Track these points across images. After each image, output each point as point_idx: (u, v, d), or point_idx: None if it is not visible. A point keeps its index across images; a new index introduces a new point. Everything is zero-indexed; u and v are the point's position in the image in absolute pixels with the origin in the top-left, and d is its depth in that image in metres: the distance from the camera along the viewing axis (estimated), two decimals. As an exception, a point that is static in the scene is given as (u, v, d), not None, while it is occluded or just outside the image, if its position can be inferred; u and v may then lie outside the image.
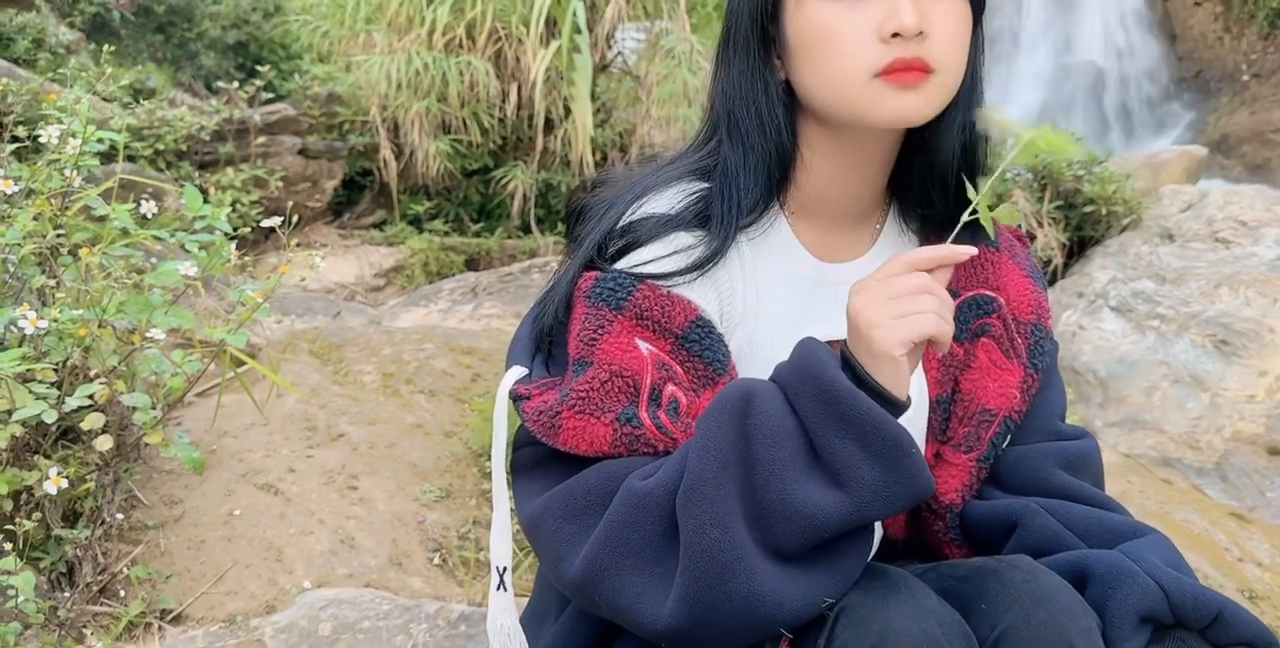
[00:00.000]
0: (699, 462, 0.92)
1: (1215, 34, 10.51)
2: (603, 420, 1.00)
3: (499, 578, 1.16)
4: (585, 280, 1.08)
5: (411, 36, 5.88)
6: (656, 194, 1.10)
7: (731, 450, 0.92)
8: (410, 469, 2.46)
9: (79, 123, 2.16)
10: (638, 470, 0.98)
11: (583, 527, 0.97)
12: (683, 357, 1.05)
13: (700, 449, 0.93)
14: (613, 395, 1.01)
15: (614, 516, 0.95)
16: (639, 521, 0.94)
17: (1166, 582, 0.97)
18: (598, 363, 1.03)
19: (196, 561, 2.10)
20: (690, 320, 1.06)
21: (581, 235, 1.13)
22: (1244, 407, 3.57)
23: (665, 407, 1.01)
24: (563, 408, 1.02)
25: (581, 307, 1.07)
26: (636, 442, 1.00)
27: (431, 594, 2.11)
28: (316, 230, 5.87)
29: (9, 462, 1.87)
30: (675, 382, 1.03)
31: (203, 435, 2.43)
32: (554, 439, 1.03)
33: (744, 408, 0.94)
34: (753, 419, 0.93)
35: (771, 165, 1.08)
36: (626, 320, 1.04)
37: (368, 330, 3.36)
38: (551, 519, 1.01)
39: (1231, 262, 4.32)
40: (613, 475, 0.99)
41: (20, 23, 6.60)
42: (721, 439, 0.92)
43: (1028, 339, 1.19)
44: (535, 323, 1.14)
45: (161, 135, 5.08)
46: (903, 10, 0.97)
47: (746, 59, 1.08)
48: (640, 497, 0.94)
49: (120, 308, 1.96)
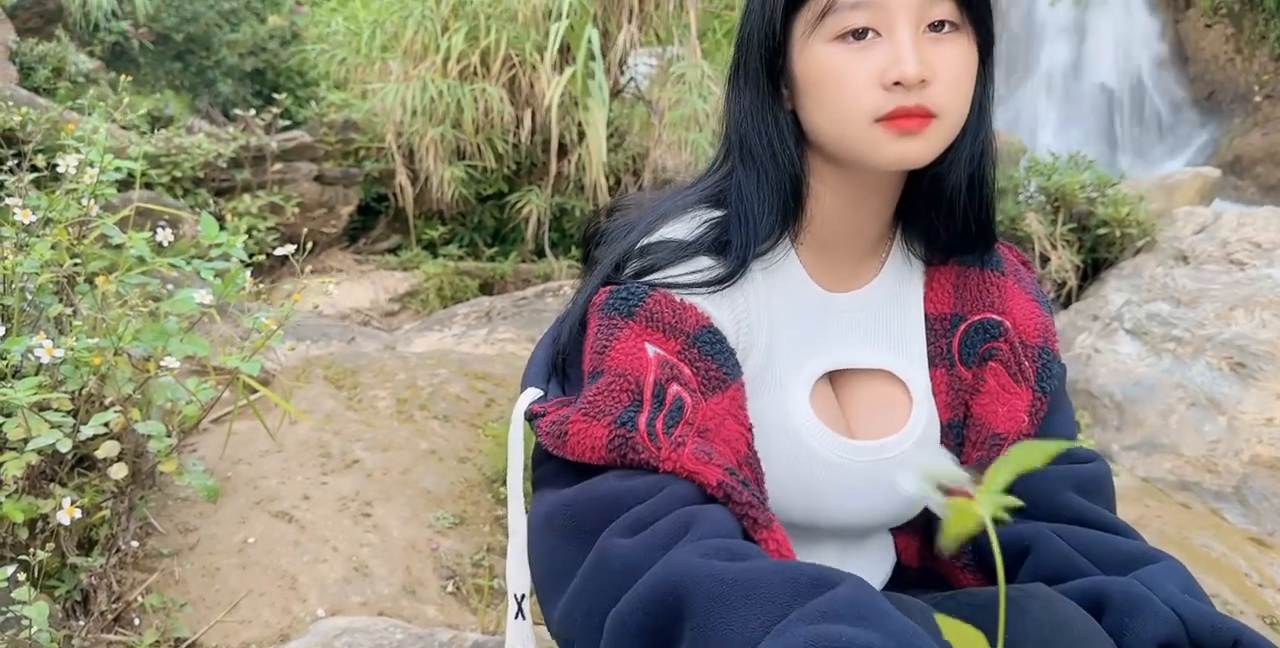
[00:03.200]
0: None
1: (1227, 55, 10.51)
2: (602, 422, 0.99)
3: (516, 606, 1.14)
4: (600, 295, 1.08)
5: (427, 64, 5.94)
6: (675, 219, 1.11)
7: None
8: (424, 496, 2.46)
9: (96, 152, 2.18)
10: (623, 518, 0.94)
11: (575, 550, 0.96)
12: (693, 356, 1.04)
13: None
14: (615, 397, 1.00)
15: (589, 585, 0.92)
16: (608, 597, 0.89)
17: (1183, 609, 0.97)
18: (607, 370, 1.02)
19: (211, 589, 2.10)
20: (702, 325, 1.05)
21: (599, 258, 1.13)
22: (1262, 430, 3.54)
23: (668, 408, 0.99)
24: (572, 416, 1.01)
25: (595, 320, 1.06)
26: (626, 447, 0.98)
27: (445, 623, 2.10)
28: (332, 256, 5.90)
29: (25, 490, 1.88)
30: (680, 381, 1.02)
31: (217, 463, 2.43)
32: (562, 449, 1.02)
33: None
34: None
35: (785, 193, 1.08)
36: (636, 325, 1.04)
37: (382, 356, 3.37)
38: (541, 533, 1.01)
39: (1246, 283, 4.30)
40: (602, 504, 0.97)
41: (41, 52, 6.68)
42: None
43: (1035, 363, 1.19)
44: (552, 345, 1.14)
45: (179, 162, 5.13)
46: (905, 60, 0.97)
47: (755, 91, 1.09)
48: (614, 574, 0.91)
49: (136, 336, 1.97)
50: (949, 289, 1.19)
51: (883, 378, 1.17)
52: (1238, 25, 10.39)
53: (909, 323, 1.19)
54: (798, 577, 0.82)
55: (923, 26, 0.99)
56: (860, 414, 1.16)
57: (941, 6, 1.00)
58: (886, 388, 1.17)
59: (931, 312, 1.19)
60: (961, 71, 1.02)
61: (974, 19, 1.03)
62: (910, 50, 0.97)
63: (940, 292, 1.19)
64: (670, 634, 0.84)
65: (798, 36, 1.04)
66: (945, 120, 1.01)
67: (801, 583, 0.81)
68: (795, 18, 1.03)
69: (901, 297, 1.19)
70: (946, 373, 1.18)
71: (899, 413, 1.16)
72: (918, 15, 0.99)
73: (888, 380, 1.17)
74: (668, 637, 0.84)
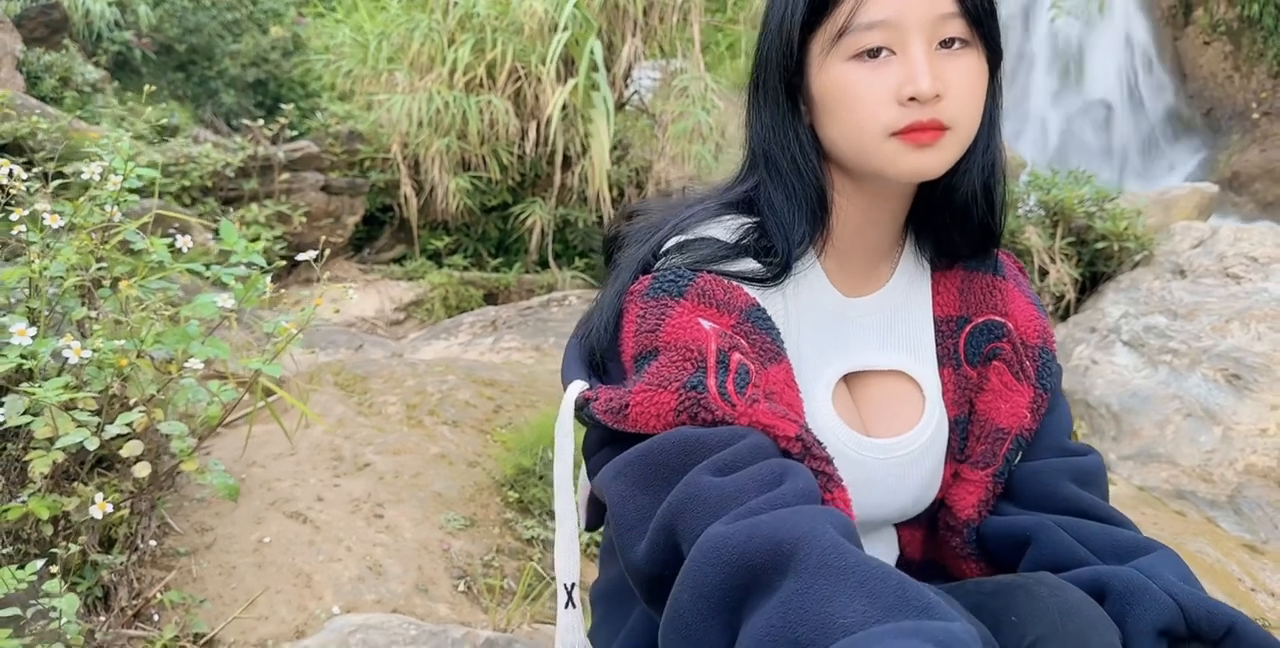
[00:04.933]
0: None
1: (1225, 72, 10.59)
2: (669, 389, 0.99)
3: (566, 595, 1.14)
4: (640, 284, 1.09)
5: (433, 76, 5.99)
6: (709, 221, 1.15)
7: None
8: (435, 498, 2.50)
9: (119, 160, 2.23)
10: (709, 463, 0.93)
11: (652, 498, 0.95)
12: (747, 329, 1.06)
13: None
14: (679, 367, 1.01)
15: (681, 515, 0.90)
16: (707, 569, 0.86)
17: (1181, 597, 1.02)
18: (663, 347, 1.03)
19: (228, 586, 2.14)
20: (752, 304, 1.08)
21: (622, 261, 1.16)
22: (1256, 440, 3.59)
23: (734, 373, 1.00)
24: (633, 390, 1.01)
25: (637, 307, 1.08)
26: (698, 407, 0.98)
27: (457, 620, 2.14)
28: (338, 265, 5.95)
29: (50, 488, 1.92)
30: (741, 351, 1.03)
31: (232, 464, 2.48)
32: (623, 422, 1.01)
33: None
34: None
35: (813, 204, 1.13)
36: (688, 303, 1.06)
37: (391, 363, 3.42)
38: (622, 484, 0.98)
39: (1243, 297, 4.36)
40: (684, 446, 0.96)
41: (48, 61, 6.73)
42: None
43: (1035, 362, 1.24)
44: (583, 343, 1.16)
45: (187, 172, 5.18)
46: (919, 76, 1.02)
47: (775, 107, 1.14)
48: (710, 504, 0.90)
49: (158, 339, 2.02)
50: (955, 292, 1.25)
51: (896, 378, 1.22)
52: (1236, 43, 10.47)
53: (920, 325, 1.24)
54: (912, 600, 0.79)
55: (935, 44, 1.05)
56: (875, 413, 1.21)
57: (953, 24, 1.05)
58: (900, 387, 1.22)
59: (939, 314, 1.25)
60: (973, 86, 1.07)
61: (984, 35, 1.08)
62: (924, 67, 1.02)
63: (947, 295, 1.25)
64: (764, 578, 0.83)
65: (815, 55, 1.09)
66: (958, 133, 1.06)
67: (914, 605, 0.79)
68: (812, 38, 1.08)
69: (912, 300, 1.24)
70: (953, 372, 1.24)
71: (912, 411, 1.21)
72: (930, 33, 1.04)
73: (901, 380, 1.22)
74: (759, 578, 0.83)
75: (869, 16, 1.04)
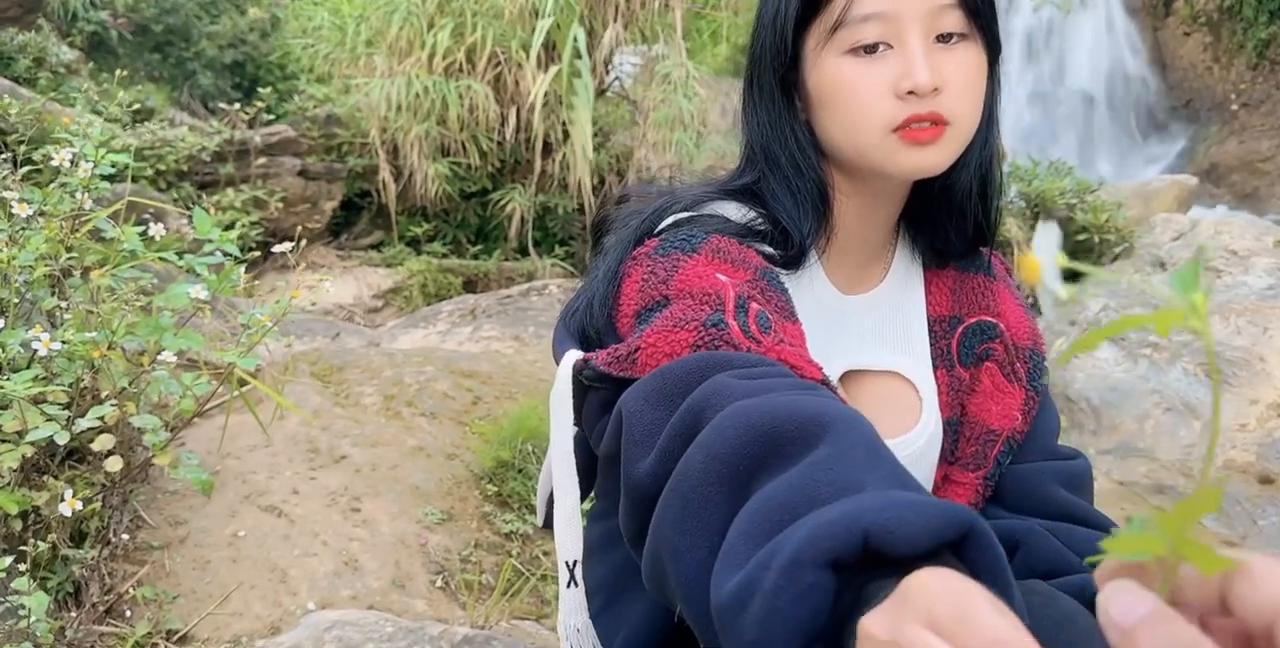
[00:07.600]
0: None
1: (1205, 64, 10.63)
2: (687, 328, 0.92)
3: (568, 574, 1.08)
4: (645, 246, 1.04)
5: (412, 60, 5.94)
6: (717, 203, 1.11)
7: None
8: (412, 492, 2.48)
9: (90, 146, 2.18)
10: (733, 371, 0.86)
11: (664, 413, 0.87)
12: (763, 286, 1.02)
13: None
14: (695, 309, 0.95)
15: (709, 400, 0.81)
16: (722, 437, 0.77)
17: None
18: (675, 296, 0.98)
19: (201, 581, 2.11)
20: (765, 266, 1.05)
21: (611, 243, 1.12)
22: (1235, 435, 3.60)
23: (754, 317, 0.95)
24: (643, 334, 0.94)
25: (644, 266, 1.02)
26: (719, 341, 0.91)
27: (434, 617, 2.12)
28: (315, 251, 5.90)
29: (19, 483, 1.88)
30: (759, 302, 0.98)
31: (207, 456, 2.44)
32: (631, 369, 0.94)
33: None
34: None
35: (815, 200, 1.11)
36: (702, 258, 1.01)
37: (368, 352, 3.38)
38: (632, 400, 0.89)
39: (1222, 291, 4.37)
40: (705, 362, 0.88)
41: (21, 42, 6.64)
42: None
43: (1026, 363, 1.22)
44: (570, 321, 1.11)
45: (163, 156, 5.12)
46: (917, 69, 0.99)
47: (771, 104, 1.11)
48: (737, 391, 0.81)
49: (130, 330, 1.98)
50: (948, 292, 1.23)
51: (892, 379, 1.20)
52: (1216, 34, 10.51)
53: (914, 325, 1.22)
54: (909, 483, 0.71)
55: (932, 37, 1.02)
56: (873, 414, 1.18)
57: (950, 17, 1.02)
58: (896, 388, 1.20)
59: (933, 314, 1.23)
60: (972, 79, 1.04)
61: (982, 28, 1.05)
62: (922, 60, 1.00)
63: (939, 294, 1.23)
64: (787, 449, 0.74)
65: (810, 50, 1.06)
66: (958, 127, 1.04)
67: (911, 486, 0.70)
68: (807, 32, 1.06)
69: (906, 299, 1.22)
70: (947, 374, 1.22)
71: (910, 413, 1.19)
72: (928, 26, 1.01)
73: (897, 381, 1.20)
74: (781, 449, 0.74)
75: (864, 9, 1.01)
